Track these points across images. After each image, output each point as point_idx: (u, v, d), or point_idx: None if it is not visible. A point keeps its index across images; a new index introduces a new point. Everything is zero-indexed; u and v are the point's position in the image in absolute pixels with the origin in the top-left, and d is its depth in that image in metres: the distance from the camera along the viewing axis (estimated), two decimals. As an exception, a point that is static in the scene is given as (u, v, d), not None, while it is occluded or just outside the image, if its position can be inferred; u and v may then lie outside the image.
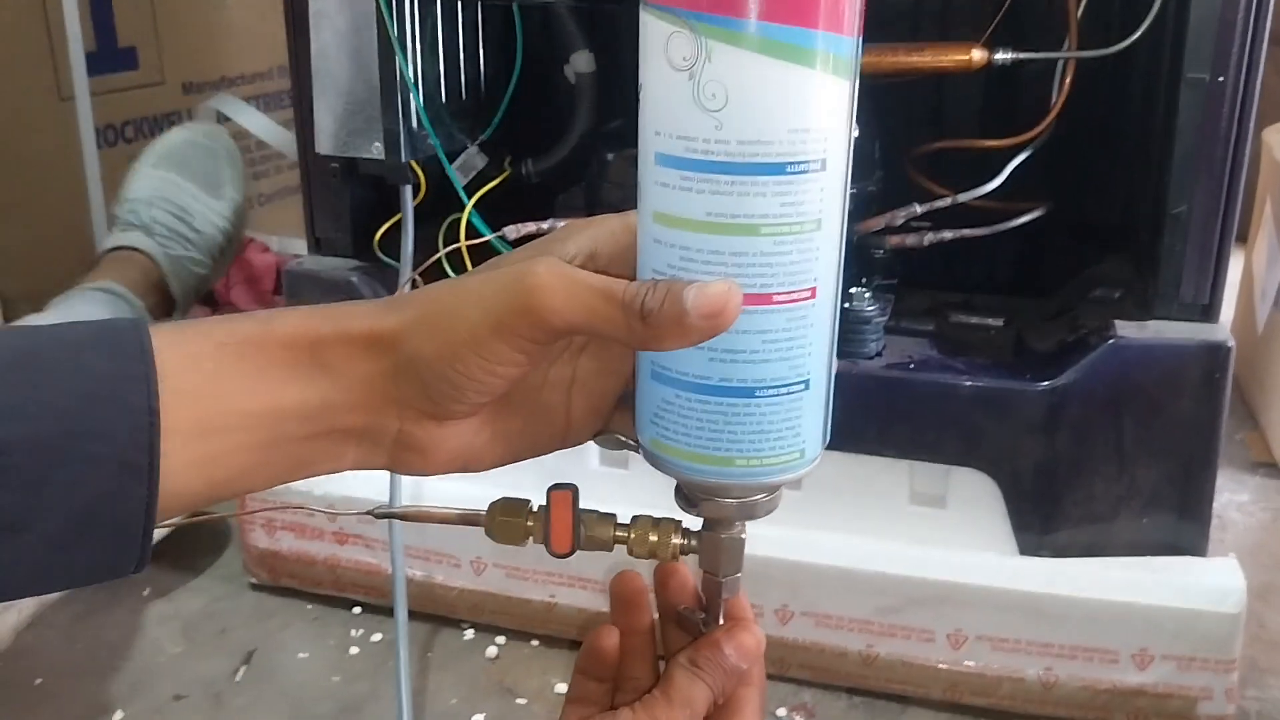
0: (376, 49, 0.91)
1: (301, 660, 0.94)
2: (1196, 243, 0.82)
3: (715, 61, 0.36)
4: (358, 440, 0.42)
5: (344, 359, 0.40)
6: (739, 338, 0.39)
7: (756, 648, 0.46)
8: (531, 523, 0.45)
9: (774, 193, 0.37)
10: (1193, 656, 0.82)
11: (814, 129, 0.37)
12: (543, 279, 0.37)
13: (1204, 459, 0.84)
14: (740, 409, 0.40)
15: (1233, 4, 0.77)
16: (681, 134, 0.37)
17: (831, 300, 0.40)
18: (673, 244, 0.38)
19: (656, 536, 0.45)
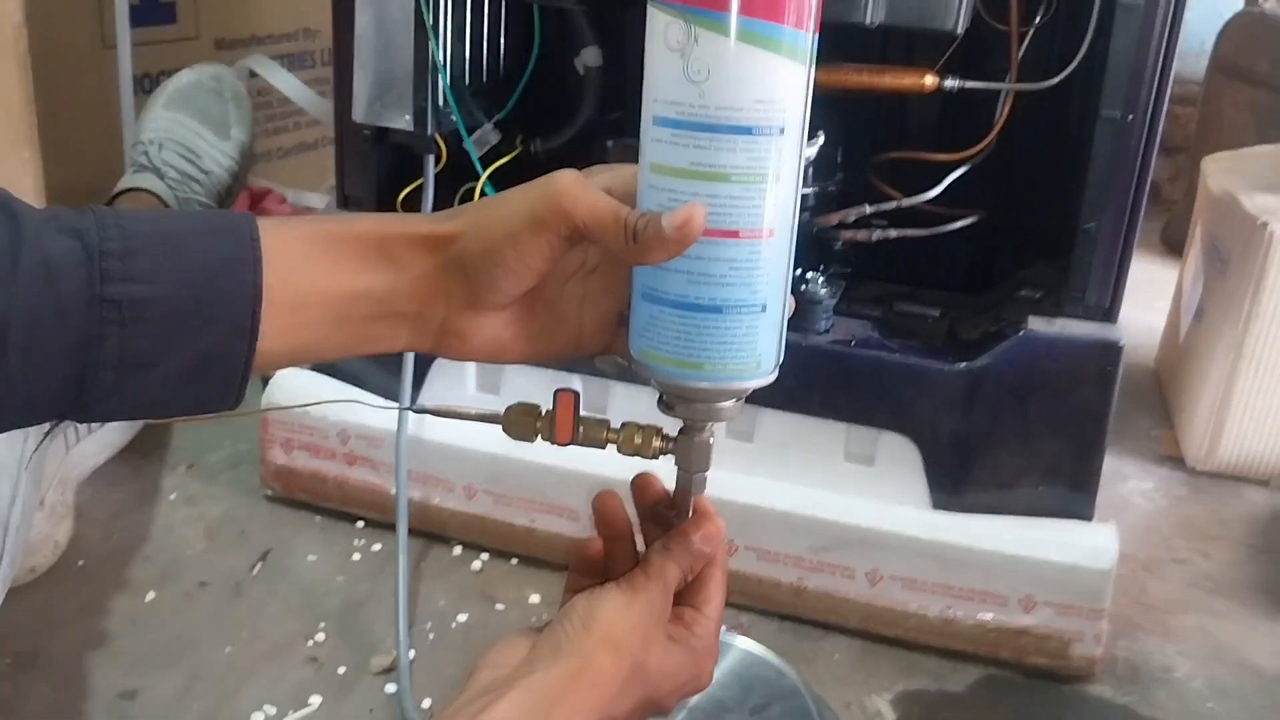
0: (412, 33, 1.04)
1: (311, 562, 1.08)
2: (1102, 255, 0.96)
3: (701, 44, 0.46)
4: (411, 324, 0.52)
5: (406, 254, 0.51)
6: (710, 264, 0.49)
7: (718, 534, 0.57)
8: (540, 422, 0.55)
9: (742, 149, 0.47)
10: (1069, 604, 0.97)
11: (775, 101, 0.47)
12: (568, 183, 0.49)
13: (1094, 439, 0.98)
14: (710, 323, 0.50)
15: (1142, 54, 0.91)
16: (673, 100, 0.47)
17: (786, 242, 0.50)
18: (663, 188, 0.49)
19: (640, 438, 0.55)
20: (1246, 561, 1.22)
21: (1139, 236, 0.98)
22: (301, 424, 1.11)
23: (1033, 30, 1.00)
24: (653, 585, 0.54)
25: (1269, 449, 1.37)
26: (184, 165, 1.45)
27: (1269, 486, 1.38)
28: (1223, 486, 1.38)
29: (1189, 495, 1.37)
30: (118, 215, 0.48)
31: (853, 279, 1.16)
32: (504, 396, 1.07)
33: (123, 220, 0.47)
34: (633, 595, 0.53)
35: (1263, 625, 1.10)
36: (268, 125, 2.02)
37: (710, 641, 0.57)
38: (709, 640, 0.57)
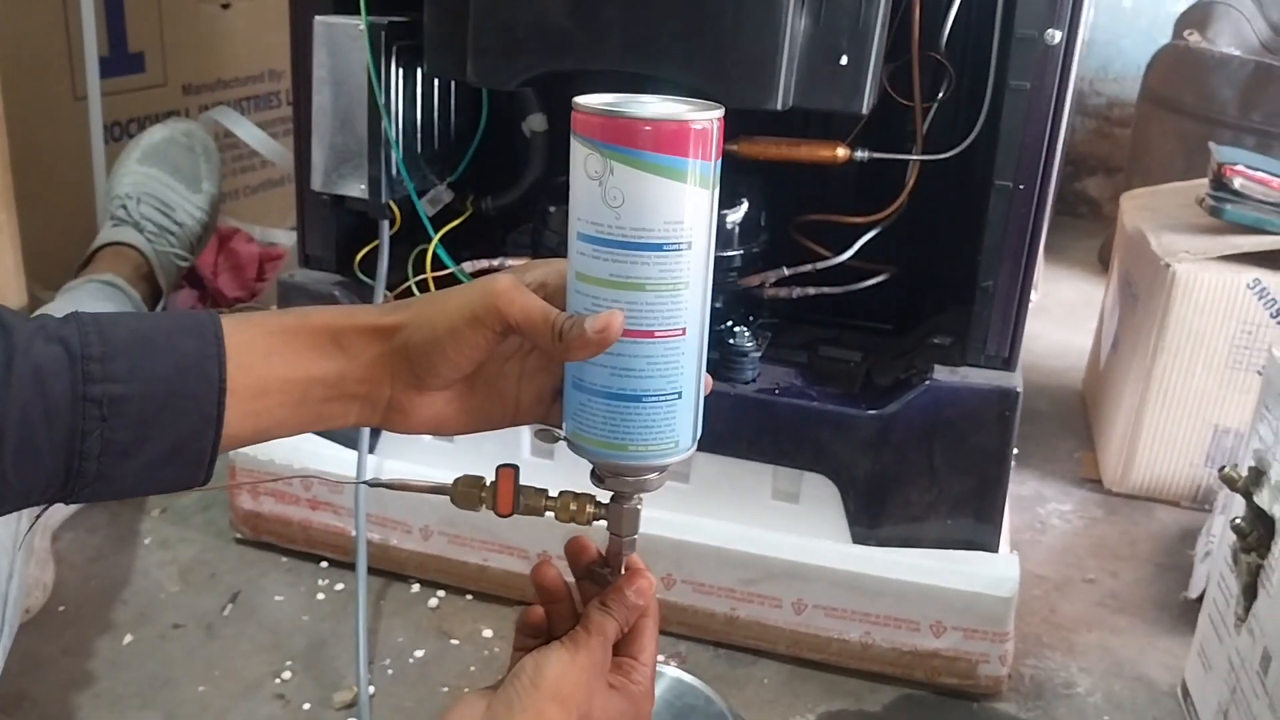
0: (366, 110, 1.12)
1: (278, 602, 1.15)
2: (999, 310, 1.06)
3: (616, 175, 0.53)
4: (361, 403, 0.58)
5: (357, 343, 0.57)
6: (630, 360, 0.56)
7: (649, 588, 0.62)
8: (484, 493, 0.62)
9: (654, 263, 0.54)
10: (975, 629, 1.06)
11: (683, 222, 0.54)
12: (504, 287, 0.55)
13: (995, 477, 1.07)
14: (632, 410, 0.57)
15: (1032, 130, 1.00)
16: (593, 220, 0.54)
17: (698, 336, 0.57)
18: (587, 294, 0.56)
19: (575, 506, 0.62)
20: (1152, 579, 1.32)
21: (1078, 255, 1.06)
22: (268, 471, 1.19)
23: (935, 106, 1.09)
24: (593, 640, 0.59)
25: (1177, 472, 1.47)
26: (159, 219, 1.52)
27: (1180, 506, 1.48)
28: (1136, 507, 1.48)
29: (1104, 516, 1.46)
30: (95, 320, 0.55)
31: (782, 325, 1.25)
32: (457, 445, 1.16)
33: (101, 325, 0.54)
34: (575, 651, 0.58)
35: (1160, 641, 1.20)
36: (235, 165, 2.09)
37: (647, 686, 0.62)
38: (646, 685, 0.62)
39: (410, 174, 1.15)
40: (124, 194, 1.50)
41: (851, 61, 0.98)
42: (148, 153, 1.54)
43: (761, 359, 1.13)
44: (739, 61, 0.96)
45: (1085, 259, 2.57)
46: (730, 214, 1.13)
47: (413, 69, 1.14)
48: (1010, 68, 0.99)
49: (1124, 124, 2.89)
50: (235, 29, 2.01)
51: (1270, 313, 1.34)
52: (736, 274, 1.15)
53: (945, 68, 1.09)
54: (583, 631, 0.60)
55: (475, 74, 1.03)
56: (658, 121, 0.53)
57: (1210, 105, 2.16)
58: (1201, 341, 1.38)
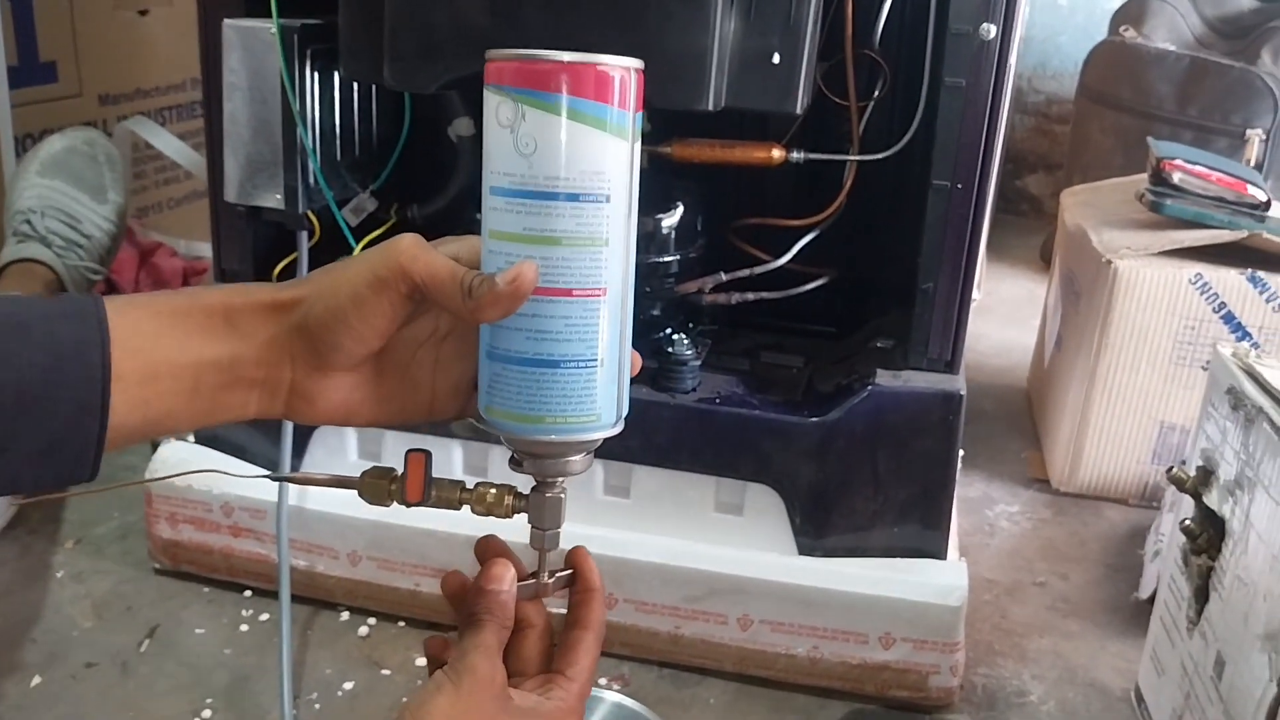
0: (280, 117, 1.07)
1: (199, 635, 1.10)
2: (940, 313, 1.03)
3: (528, 121, 0.50)
4: (260, 390, 0.54)
5: (251, 322, 0.53)
6: (547, 321, 0.52)
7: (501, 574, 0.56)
8: (393, 485, 0.57)
9: (569, 214, 0.51)
10: (924, 640, 1.03)
11: (600, 172, 0.51)
12: (408, 244, 0.52)
13: (941, 483, 1.05)
14: (548, 377, 0.53)
15: (969, 127, 0.98)
16: (505, 171, 0.51)
17: (619, 300, 0.54)
18: (500, 252, 0.52)
19: (493, 497, 0.57)
20: (1102, 581, 1.31)
21: (1020, 252, 1.04)
22: (186, 498, 1.14)
23: (871, 105, 1.07)
24: (471, 659, 0.53)
25: (1124, 470, 1.45)
26: (67, 232, 1.46)
27: (1128, 504, 1.47)
28: (1084, 507, 1.47)
29: (1052, 517, 1.45)
30: None
31: (722, 332, 1.22)
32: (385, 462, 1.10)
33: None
34: (457, 682, 0.53)
35: (1112, 645, 1.18)
36: (158, 177, 2.02)
37: (570, 703, 0.57)
38: (569, 702, 0.56)
39: (329, 182, 1.10)
40: (27, 208, 1.43)
41: (784, 60, 0.95)
42: (48, 164, 1.47)
43: (701, 367, 1.09)
44: (667, 61, 0.92)
45: (1027, 256, 2.57)
46: (666, 218, 1.10)
47: (329, 73, 1.09)
48: (945, 64, 0.97)
49: (1063, 121, 2.90)
50: (154, 36, 1.95)
51: (1213, 307, 1.33)
52: (674, 280, 1.11)
53: (880, 66, 1.06)
54: (456, 654, 0.54)
55: (393, 77, 0.98)
56: (571, 64, 0.51)
57: (1147, 100, 2.17)
58: (1145, 338, 1.37)
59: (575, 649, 0.58)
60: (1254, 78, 2.05)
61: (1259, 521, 0.80)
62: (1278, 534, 0.77)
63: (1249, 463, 0.83)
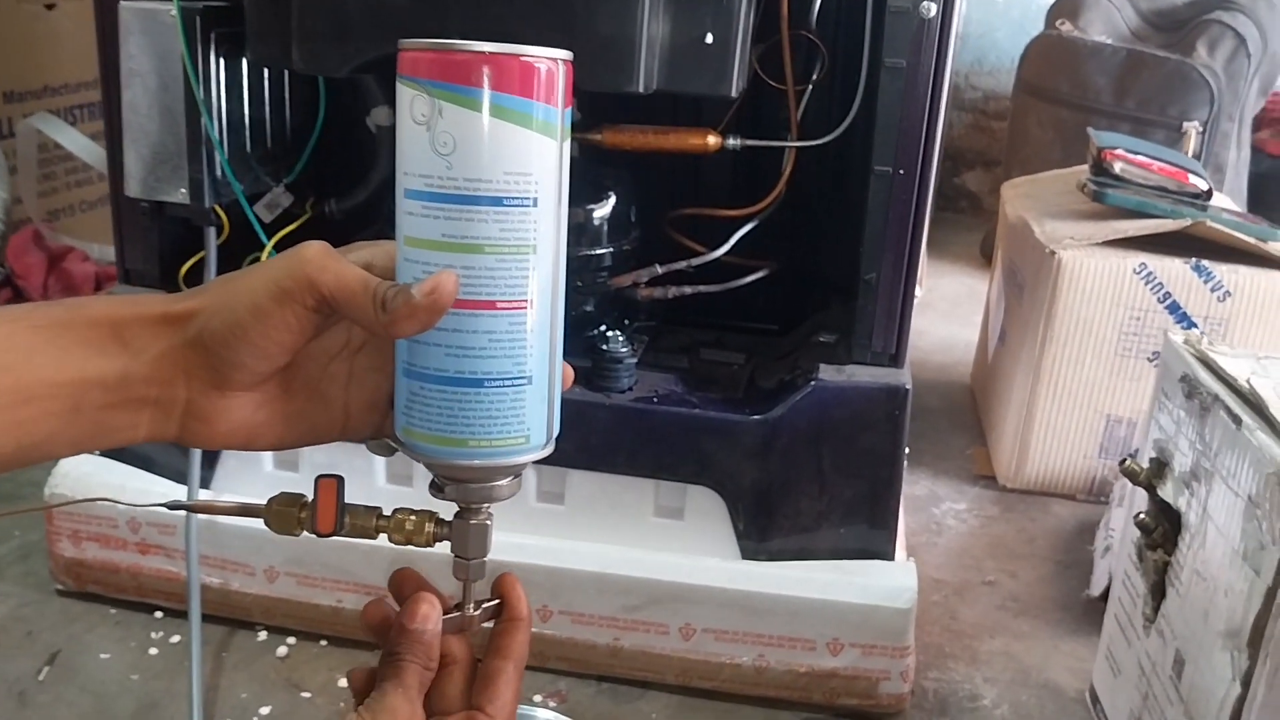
0: (184, 106, 1.00)
1: (103, 660, 1.02)
2: (884, 304, 0.99)
3: (446, 117, 0.45)
4: (151, 409, 0.48)
5: (141, 336, 0.47)
6: (469, 336, 0.47)
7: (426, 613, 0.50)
8: (303, 514, 0.52)
9: (493, 220, 0.46)
10: (873, 644, 0.99)
11: (526, 173, 0.46)
12: (313, 253, 0.46)
13: (888, 481, 1.01)
14: (472, 397, 0.48)
15: (910, 111, 0.94)
16: (421, 173, 0.46)
17: (548, 312, 0.49)
18: (417, 260, 0.47)
19: (412, 525, 0.52)
20: (1052, 578, 1.28)
21: (960, 249, 1.01)
22: (89, 514, 1.06)
23: (810, 89, 1.02)
24: (386, 703, 0.49)
25: (1071, 464, 1.43)
26: None
27: (1075, 499, 1.44)
28: (1031, 503, 1.44)
29: (1000, 514, 1.42)
30: None
31: (660, 329, 1.17)
32: (303, 474, 1.04)
33: None
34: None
35: (1064, 644, 1.15)
36: (68, 178, 1.93)
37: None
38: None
39: (238, 176, 1.04)
40: None
41: (717, 41, 0.90)
42: None
43: (638, 365, 1.04)
44: (595, 41, 0.87)
45: (968, 253, 2.56)
46: (597, 209, 1.05)
47: (236, 59, 1.03)
48: (885, 44, 0.93)
49: (1000, 117, 2.90)
50: (61, 31, 1.86)
51: (1158, 297, 1.31)
52: (607, 273, 1.06)
53: (818, 47, 1.02)
54: (376, 692, 0.49)
55: (302, 61, 0.92)
56: (493, 55, 0.45)
57: (1085, 93, 2.16)
58: (1090, 330, 1.35)
59: (495, 681, 0.53)
60: (1190, 70, 2.05)
61: (1217, 514, 0.77)
62: (1237, 526, 0.74)
63: (1205, 453, 0.80)
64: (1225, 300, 1.31)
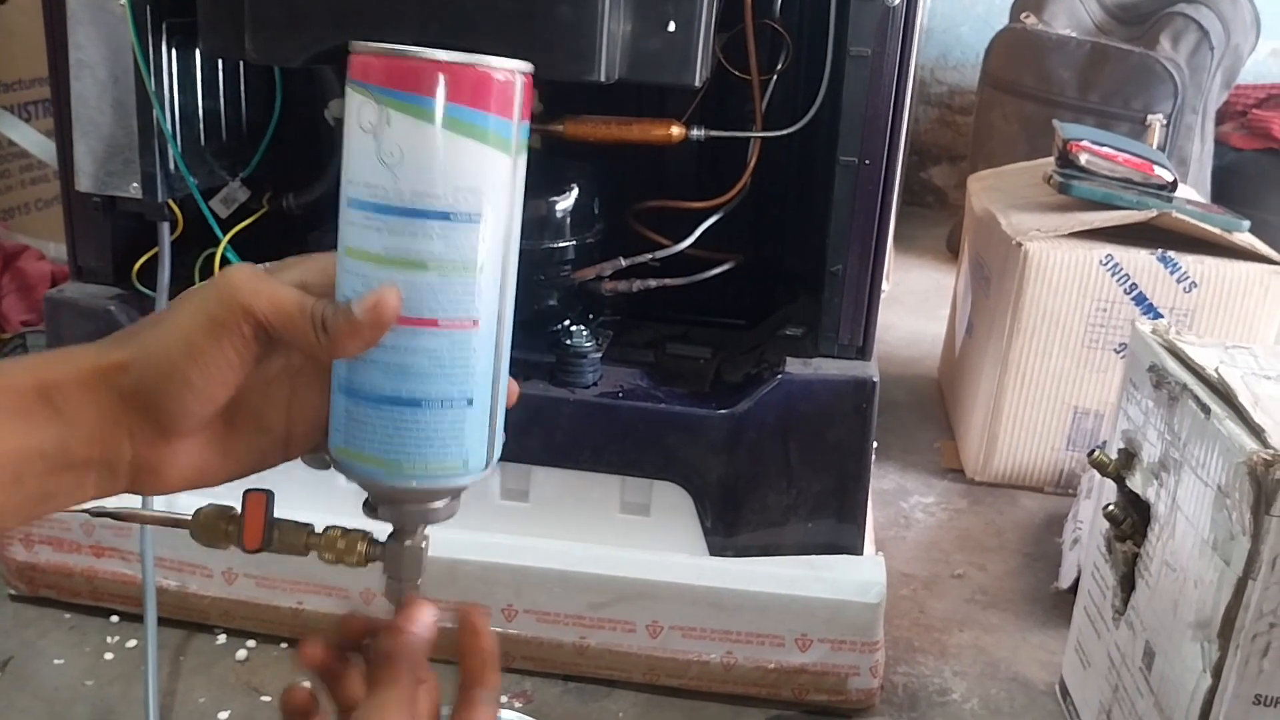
0: (135, 98, 0.98)
1: (57, 666, 1.00)
2: (850, 296, 0.98)
3: (394, 126, 0.43)
4: (96, 470, 0.45)
5: (73, 399, 0.44)
6: (409, 355, 0.45)
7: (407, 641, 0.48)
8: (231, 527, 0.50)
9: (439, 236, 0.44)
10: (842, 639, 0.98)
11: (476, 189, 0.44)
12: (243, 279, 0.44)
13: (856, 474, 1.00)
14: (409, 418, 0.46)
15: (875, 101, 0.93)
16: (367, 182, 0.44)
17: (493, 333, 0.47)
18: (358, 273, 0.45)
19: (344, 544, 0.50)
20: (1021, 570, 1.27)
21: (926, 243, 1.00)
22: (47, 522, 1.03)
23: (775, 79, 1.01)
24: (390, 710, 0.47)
25: (1038, 457, 1.43)
26: None
27: (1043, 492, 1.44)
28: (999, 495, 1.44)
29: (968, 507, 1.41)
30: None
31: (625, 323, 1.16)
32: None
33: None
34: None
35: (1034, 636, 1.15)
36: (24, 175, 1.89)
37: None
38: None
39: (193, 170, 1.01)
40: None
41: (680, 28, 0.89)
42: None
43: (603, 360, 1.03)
44: (555, 28, 0.85)
45: (934, 247, 2.56)
46: (560, 201, 1.03)
47: (189, 49, 1.01)
48: (850, 33, 0.92)
49: (966, 112, 2.90)
50: (14, 26, 1.82)
51: (1125, 289, 1.31)
52: (570, 267, 1.04)
53: (782, 36, 1.01)
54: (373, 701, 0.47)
55: (255, 50, 0.90)
56: (448, 64, 0.44)
57: (1050, 86, 2.16)
58: (1057, 321, 1.34)
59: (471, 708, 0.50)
60: (1153, 63, 2.06)
61: (1186, 504, 0.77)
62: (1207, 516, 0.73)
63: (1174, 443, 0.79)
64: (1191, 291, 1.31)
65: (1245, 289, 1.30)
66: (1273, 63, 2.71)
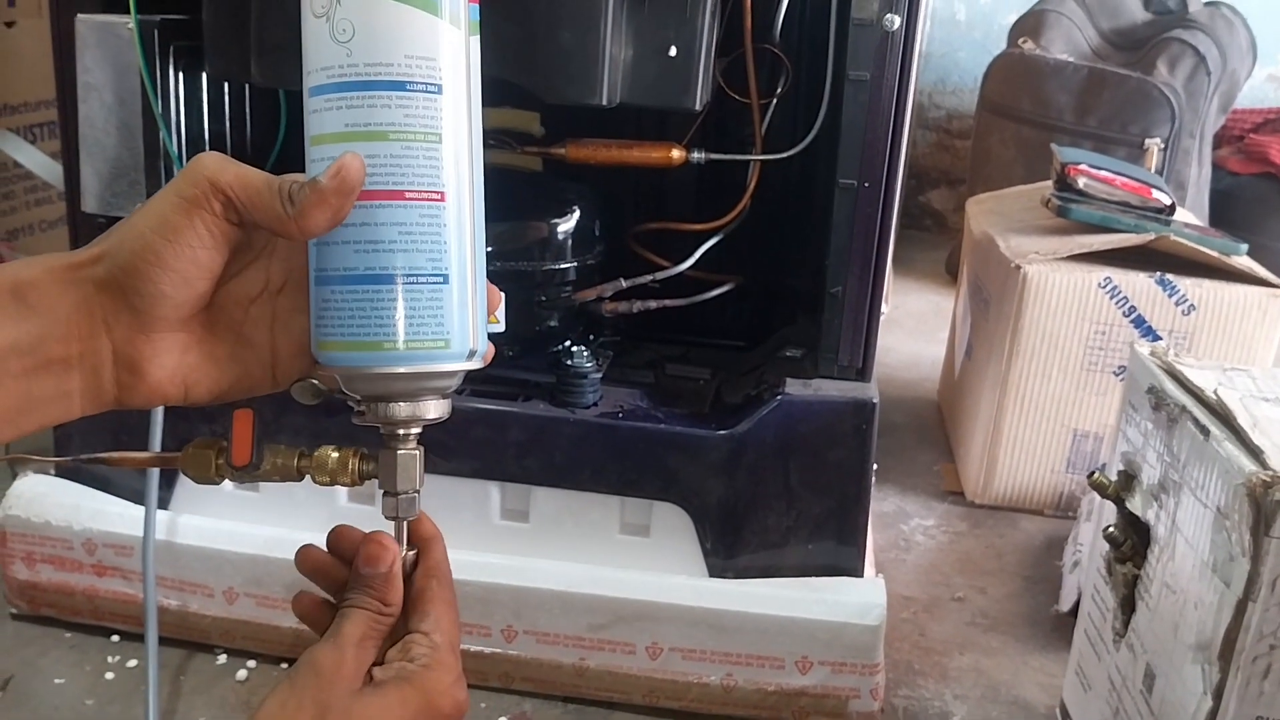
0: (142, 120, 0.98)
1: (58, 686, 1.00)
2: (850, 318, 0.98)
3: (344, 4, 0.45)
4: (78, 369, 0.45)
5: (49, 293, 0.45)
6: (378, 229, 0.45)
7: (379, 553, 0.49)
8: (220, 458, 0.50)
9: (397, 105, 0.45)
10: (843, 662, 0.98)
11: (428, 58, 0.45)
12: (211, 159, 0.45)
13: (856, 496, 1.00)
14: (385, 295, 0.46)
15: (874, 124, 0.94)
16: (323, 66, 0.45)
17: (462, 207, 0.47)
18: (322, 158, 0.45)
19: (336, 461, 0.49)
20: (1021, 594, 1.27)
21: (925, 266, 1.00)
22: (44, 535, 1.04)
23: (774, 103, 1.02)
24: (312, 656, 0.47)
25: (1038, 480, 1.43)
26: None
27: (1043, 515, 1.44)
28: (1000, 518, 1.44)
29: (968, 530, 1.41)
30: None
31: (625, 344, 1.16)
32: (263, 494, 1.02)
33: None
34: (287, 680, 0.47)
35: (1034, 659, 1.14)
36: (28, 197, 1.90)
37: (440, 657, 0.49)
38: (437, 656, 0.49)
39: (198, 190, 1.02)
40: None
41: (680, 54, 0.90)
42: None
43: (603, 380, 1.03)
44: (558, 54, 0.87)
45: (933, 270, 2.57)
46: (561, 223, 1.04)
47: (195, 72, 1.01)
48: (849, 57, 0.93)
49: (964, 136, 2.92)
50: (21, 49, 1.83)
51: (1123, 311, 1.31)
52: (571, 288, 1.05)
53: (782, 61, 1.02)
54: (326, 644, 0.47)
55: (261, 73, 0.91)
56: None
57: (1047, 111, 2.18)
58: (1056, 344, 1.35)
59: (426, 600, 0.50)
60: (1151, 88, 2.07)
61: (1186, 526, 0.77)
62: (1206, 538, 0.73)
63: (1173, 465, 0.79)
64: (1190, 314, 1.31)
65: (1243, 312, 1.31)
66: (1269, 88, 2.72)
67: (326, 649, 0.47)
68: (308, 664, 0.47)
